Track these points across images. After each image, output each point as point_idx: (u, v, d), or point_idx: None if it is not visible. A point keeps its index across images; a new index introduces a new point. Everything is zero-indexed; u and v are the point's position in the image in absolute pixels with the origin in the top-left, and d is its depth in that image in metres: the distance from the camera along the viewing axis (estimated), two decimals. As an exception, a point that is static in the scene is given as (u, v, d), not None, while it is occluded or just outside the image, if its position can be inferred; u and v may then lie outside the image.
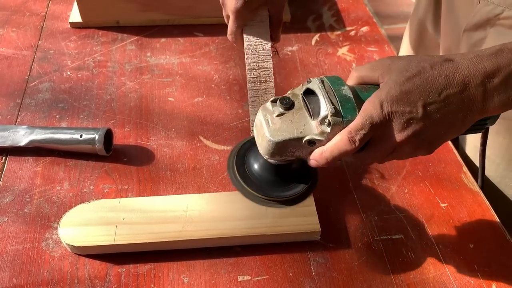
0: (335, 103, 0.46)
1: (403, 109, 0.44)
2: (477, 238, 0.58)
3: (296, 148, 0.47)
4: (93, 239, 0.53)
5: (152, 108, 0.73)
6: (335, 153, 0.46)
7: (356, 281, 0.54)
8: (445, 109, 0.45)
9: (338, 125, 0.45)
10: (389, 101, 0.44)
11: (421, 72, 0.45)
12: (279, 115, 0.47)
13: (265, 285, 0.53)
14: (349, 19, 0.94)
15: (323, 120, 0.46)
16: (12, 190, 0.61)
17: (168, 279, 0.53)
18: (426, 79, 0.45)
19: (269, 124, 0.47)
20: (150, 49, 0.84)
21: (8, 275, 0.53)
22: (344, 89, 0.47)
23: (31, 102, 0.73)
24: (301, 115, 0.47)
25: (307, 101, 0.48)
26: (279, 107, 0.47)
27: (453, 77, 0.45)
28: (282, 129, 0.47)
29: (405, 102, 0.44)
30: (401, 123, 0.45)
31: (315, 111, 0.47)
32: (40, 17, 0.90)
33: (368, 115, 0.45)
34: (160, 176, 0.64)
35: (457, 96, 0.45)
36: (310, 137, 0.46)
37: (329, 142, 0.46)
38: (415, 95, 0.45)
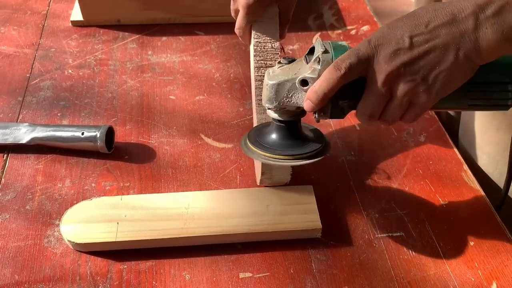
0: (328, 48, 0.49)
1: (389, 41, 0.45)
2: (477, 236, 0.59)
3: (293, 92, 0.50)
4: (95, 236, 0.54)
5: (154, 106, 0.73)
6: (324, 85, 0.47)
7: (357, 278, 0.54)
8: (433, 41, 0.44)
9: (328, 61, 0.48)
10: (376, 37, 0.46)
11: (410, 14, 0.46)
12: (280, 67, 0.51)
13: (266, 282, 0.53)
14: (349, 18, 0.94)
15: (315, 60, 0.49)
16: (14, 187, 0.61)
17: (169, 276, 0.53)
18: (413, 15, 0.46)
19: (269, 74, 0.51)
20: (151, 48, 0.84)
21: (10, 271, 0.53)
22: (342, 43, 0.49)
23: (32, 100, 0.73)
24: (298, 63, 0.51)
25: (308, 58, 0.51)
26: (281, 62, 0.52)
27: (442, 10, 0.45)
28: (279, 74, 0.51)
29: (391, 35, 0.45)
30: (388, 54, 0.45)
31: (311, 58, 0.50)
32: (41, 15, 0.90)
33: (355, 49, 0.46)
34: (162, 174, 0.64)
35: (445, 27, 0.44)
36: (303, 76, 0.49)
37: (319, 79, 0.47)
38: (402, 29, 0.45)
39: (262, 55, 0.60)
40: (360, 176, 0.65)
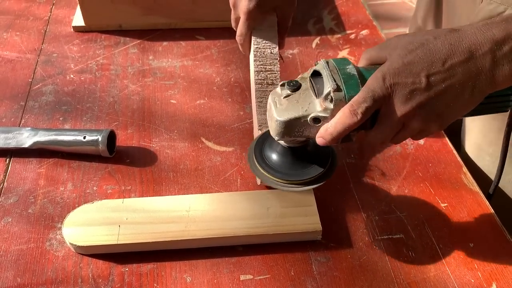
0: (338, 80, 0.47)
1: (405, 80, 0.44)
2: (477, 238, 0.59)
3: (304, 127, 0.49)
4: (96, 239, 0.54)
5: (155, 110, 0.74)
6: (339, 127, 0.46)
7: (357, 280, 0.55)
8: (450, 79, 0.44)
9: (340, 100, 0.46)
10: (391, 74, 0.44)
11: (425, 44, 0.45)
12: (286, 97, 0.49)
13: (267, 284, 0.54)
14: (349, 22, 0.95)
15: (326, 97, 0.47)
16: (16, 191, 0.62)
17: (171, 278, 0.54)
18: (429, 50, 0.44)
19: (276, 106, 0.50)
20: (152, 53, 0.85)
21: (12, 274, 0.53)
22: (349, 67, 0.47)
23: (34, 104, 0.74)
24: (306, 95, 0.49)
25: (314, 82, 0.49)
26: (286, 89, 0.50)
27: (458, 45, 0.44)
28: (288, 109, 0.49)
29: (407, 73, 0.44)
30: (404, 95, 0.44)
31: (320, 90, 0.48)
32: (43, 21, 0.91)
33: (370, 89, 0.45)
34: (163, 177, 0.64)
35: (462, 65, 0.43)
36: (315, 114, 0.48)
37: (332, 120, 0.47)
38: (418, 66, 0.44)
39: (261, 60, 0.61)
40: (360, 178, 0.65)
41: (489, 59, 0.43)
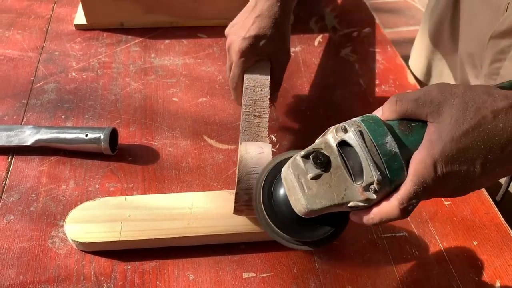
0: (380, 165, 0.40)
1: (459, 169, 0.39)
2: (480, 236, 0.59)
3: (336, 210, 0.43)
4: (99, 236, 0.54)
5: (157, 108, 0.74)
6: (384, 219, 0.42)
7: (360, 278, 0.54)
8: (505, 163, 0.40)
9: (386, 191, 0.41)
10: (443, 161, 0.39)
11: (481, 124, 0.39)
12: (314, 178, 0.41)
13: (270, 282, 0.53)
14: (351, 20, 0.95)
15: (367, 187, 0.41)
16: (18, 188, 0.62)
17: (173, 276, 0.54)
18: (487, 134, 0.39)
19: (304, 189, 0.41)
20: (154, 51, 0.84)
21: (14, 272, 0.53)
22: (388, 141, 0.40)
23: (36, 102, 0.74)
24: (340, 177, 0.41)
25: (345, 156, 0.42)
26: (313, 165, 0.41)
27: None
28: (320, 196, 0.41)
29: (461, 161, 0.39)
30: (456, 182, 0.40)
31: (356, 171, 0.41)
32: (45, 19, 0.91)
33: (421, 181, 0.39)
34: (165, 175, 0.64)
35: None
36: (354, 204, 0.42)
37: (377, 208, 0.42)
38: (474, 152, 0.39)
39: (251, 96, 0.62)
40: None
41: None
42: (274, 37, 0.64)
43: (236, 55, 0.63)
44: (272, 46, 0.65)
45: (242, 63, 0.64)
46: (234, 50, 0.64)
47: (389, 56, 0.86)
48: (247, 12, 0.66)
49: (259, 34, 0.63)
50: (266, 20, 0.64)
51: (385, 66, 0.84)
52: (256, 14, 0.65)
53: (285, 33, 0.67)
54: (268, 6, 0.65)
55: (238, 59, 0.63)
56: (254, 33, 0.63)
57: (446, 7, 0.81)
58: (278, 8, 0.65)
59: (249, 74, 0.64)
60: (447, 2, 0.81)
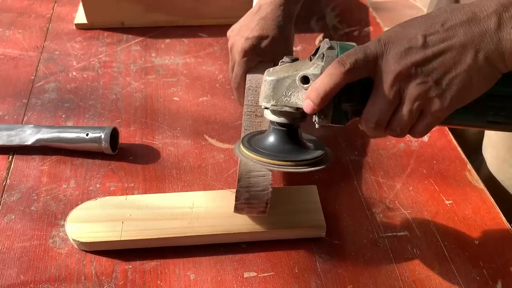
0: (334, 44, 0.46)
1: (400, 40, 0.42)
2: (482, 235, 0.59)
3: (292, 90, 0.47)
4: (99, 235, 0.54)
5: (157, 108, 0.73)
6: (325, 81, 0.43)
7: (361, 277, 0.54)
8: (450, 40, 0.41)
9: (332, 58, 0.44)
10: (387, 35, 0.43)
11: (426, 14, 0.44)
12: (281, 65, 0.49)
13: (271, 282, 0.53)
14: (352, 19, 0.94)
15: (319, 57, 0.46)
16: (19, 188, 0.61)
17: (174, 276, 0.53)
18: (429, 15, 0.43)
19: (269, 71, 0.49)
20: (155, 50, 0.84)
21: (15, 271, 0.53)
22: (351, 43, 0.46)
23: (37, 102, 0.74)
24: (301, 62, 0.48)
25: (312, 57, 0.48)
26: (284, 60, 0.50)
27: (461, 9, 0.41)
28: (279, 71, 0.48)
29: (404, 34, 0.42)
30: (398, 52, 0.42)
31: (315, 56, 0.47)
32: (45, 18, 0.91)
33: (363, 46, 0.43)
34: (166, 175, 0.64)
35: (464, 26, 0.41)
36: (304, 72, 0.46)
37: (322, 75, 0.44)
38: (416, 28, 0.42)
39: (253, 96, 0.62)
40: (364, 175, 0.65)
41: (494, 20, 0.40)
42: (277, 39, 0.64)
43: (239, 55, 0.63)
44: (275, 48, 0.65)
45: (245, 63, 0.63)
46: (236, 50, 0.64)
47: (390, 55, 0.86)
48: (251, 15, 0.66)
49: (262, 35, 0.63)
50: (270, 22, 0.64)
51: (386, 65, 0.84)
52: (259, 17, 0.65)
53: (288, 36, 0.67)
54: (271, 10, 0.65)
55: (241, 59, 0.63)
56: (257, 34, 0.63)
57: None
58: (281, 12, 0.65)
59: (252, 74, 0.64)
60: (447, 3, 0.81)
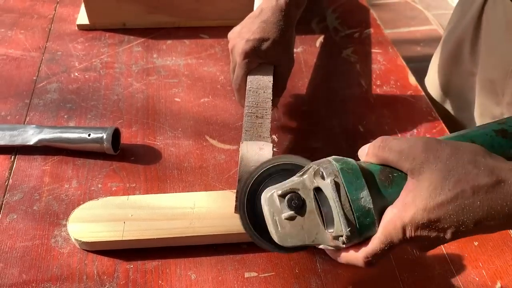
0: (352, 221, 0.41)
1: (428, 234, 0.39)
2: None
3: None
4: (101, 235, 0.54)
5: (159, 109, 0.74)
6: (349, 262, 0.44)
7: (361, 278, 0.55)
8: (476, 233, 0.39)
9: (354, 242, 0.42)
10: (413, 227, 0.39)
11: (458, 198, 0.37)
12: (288, 219, 0.43)
13: (272, 282, 0.54)
14: (353, 21, 0.95)
15: (337, 237, 0.42)
16: (21, 188, 0.62)
17: (175, 276, 0.54)
18: (462, 209, 0.37)
19: (277, 227, 0.43)
20: (156, 51, 0.85)
21: (18, 271, 0.53)
22: (363, 196, 0.41)
23: (39, 102, 0.74)
24: (312, 221, 0.43)
25: (320, 202, 0.43)
26: (287, 207, 0.43)
27: (500, 211, 0.37)
28: (292, 235, 0.43)
29: (432, 229, 0.39)
30: (424, 244, 0.41)
31: (329, 218, 0.42)
32: (47, 19, 0.91)
33: (388, 240, 0.40)
34: (167, 175, 0.64)
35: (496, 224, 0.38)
36: (324, 247, 0.44)
37: (345, 254, 0.43)
38: (446, 223, 0.38)
39: (254, 97, 0.62)
40: (364, 177, 0.65)
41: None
42: (278, 42, 0.64)
43: (240, 57, 0.64)
44: (276, 51, 0.65)
45: (245, 65, 0.64)
46: (237, 52, 0.64)
47: (390, 57, 0.86)
48: (252, 18, 0.67)
49: (263, 37, 0.64)
50: (271, 25, 0.65)
51: (386, 67, 0.84)
52: (260, 20, 0.65)
53: (289, 39, 0.67)
54: (273, 13, 0.65)
55: (242, 60, 0.64)
56: (258, 36, 0.63)
57: (468, 28, 0.78)
58: (282, 16, 0.65)
59: (252, 76, 0.64)
60: (469, 24, 0.78)
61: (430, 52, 0.97)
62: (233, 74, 0.67)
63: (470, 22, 0.78)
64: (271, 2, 0.67)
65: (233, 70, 0.67)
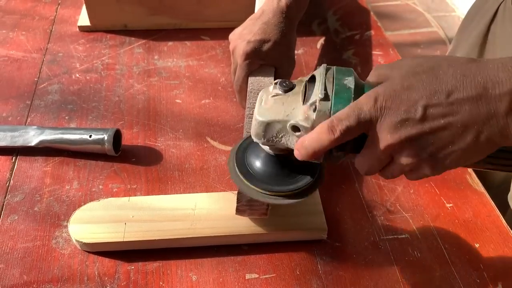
0: (329, 90, 0.42)
1: (398, 106, 0.38)
2: (482, 238, 0.59)
3: (283, 134, 0.46)
4: (102, 236, 0.54)
5: (160, 110, 0.74)
6: (314, 142, 0.41)
7: (362, 279, 0.55)
8: (452, 116, 0.37)
9: (324, 112, 0.42)
10: (385, 95, 0.38)
11: (434, 69, 0.38)
12: (274, 96, 0.46)
13: (273, 283, 0.54)
14: (353, 23, 0.95)
15: (311, 105, 0.43)
16: (22, 189, 0.62)
17: (176, 277, 0.54)
18: (436, 77, 0.37)
19: (261, 104, 0.47)
20: (157, 52, 0.85)
21: (18, 272, 0.53)
22: (348, 79, 0.43)
23: (40, 103, 0.74)
24: (294, 99, 0.45)
25: (307, 88, 0.45)
26: (277, 88, 0.47)
27: (472, 78, 0.36)
28: (271, 110, 0.46)
29: (403, 98, 0.38)
30: (394, 122, 0.38)
31: (308, 97, 0.44)
32: (49, 21, 0.91)
33: (358, 106, 0.39)
34: (168, 176, 0.64)
35: (471, 102, 0.36)
36: (294, 122, 0.44)
37: (310, 134, 0.42)
38: (417, 93, 0.38)
39: (255, 99, 0.62)
40: (365, 178, 0.65)
41: (506, 102, 0.36)
42: (279, 43, 0.64)
43: (241, 58, 0.64)
44: (277, 52, 0.65)
45: (247, 66, 0.64)
46: (238, 53, 0.64)
47: (391, 59, 0.86)
48: (253, 19, 0.67)
49: (264, 39, 0.64)
50: (272, 27, 0.65)
51: (387, 69, 0.84)
52: (262, 21, 0.65)
53: (290, 41, 0.67)
54: (274, 15, 0.66)
55: (243, 61, 0.64)
56: (259, 37, 0.64)
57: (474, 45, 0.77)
58: (283, 18, 0.66)
59: (253, 77, 0.64)
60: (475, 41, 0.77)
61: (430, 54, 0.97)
62: (234, 76, 0.67)
63: (476, 39, 0.77)
64: (272, 4, 0.67)
65: (234, 71, 0.67)
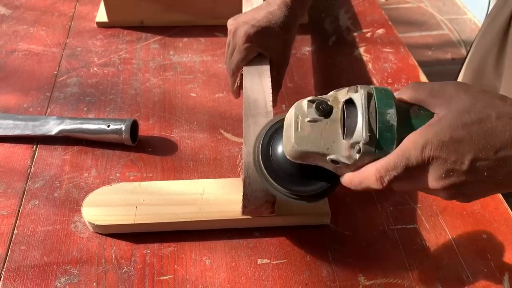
0: (373, 129, 0.40)
1: (446, 157, 0.38)
2: (490, 229, 0.60)
3: (319, 160, 0.44)
4: (114, 219, 0.56)
5: (175, 103, 0.76)
6: (362, 186, 0.42)
7: (371, 267, 0.56)
8: (496, 170, 0.38)
9: (369, 154, 0.41)
10: (434, 145, 0.39)
11: (483, 121, 0.38)
12: (311, 121, 0.43)
13: (284, 268, 0.55)
14: (365, 21, 0.97)
15: (354, 145, 0.41)
16: (42, 176, 0.64)
17: (190, 261, 0.56)
18: (485, 131, 0.38)
19: (297, 128, 0.43)
20: (173, 48, 0.87)
21: (40, 253, 0.56)
22: (390, 113, 0.41)
23: (60, 95, 0.77)
24: (333, 129, 0.43)
25: (346, 113, 0.43)
26: (314, 111, 0.43)
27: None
28: (309, 139, 0.43)
29: (451, 150, 0.38)
30: (440, 172, 0.39)
31: (350, 129, 0.42)
32: (68, 17, 0.94)
33: (405, 156, 0.39)
34: (183, 166, 0.66)
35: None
36: (335, 157, 0.42)
37: (358, 172, 0.42)
38: (466, 146, 0.38)
39: None
40: (375, 171, 0.66)
41: None
42: (280, 37, 0.65)
43: (241, 39, 0.63)
44: (277, 46, 0.65)
45: (245, 50, 0.63)
46: (239, 34, 0.63)
47: (402, 56, 0.88)
48: (258, 8, 0.67)
49: (268, 27, 0.64)
50: (276, 18, 0.65)
51: (397, 66, 0.86)
52: (267, 11, 0.65)
53: (290, 38, 0.67)
54: (279, 7, 0.66)
55: (243, 43, 0.63)
56: (264, 24, 0.63)
57: (494, 41, 0.78)
58: (288, 12, 0.66)
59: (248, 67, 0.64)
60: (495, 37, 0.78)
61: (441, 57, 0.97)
62: (229, 59, 0.66)
63: (496, 35, 0.78)
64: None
65: (230, 53, 0.66)
